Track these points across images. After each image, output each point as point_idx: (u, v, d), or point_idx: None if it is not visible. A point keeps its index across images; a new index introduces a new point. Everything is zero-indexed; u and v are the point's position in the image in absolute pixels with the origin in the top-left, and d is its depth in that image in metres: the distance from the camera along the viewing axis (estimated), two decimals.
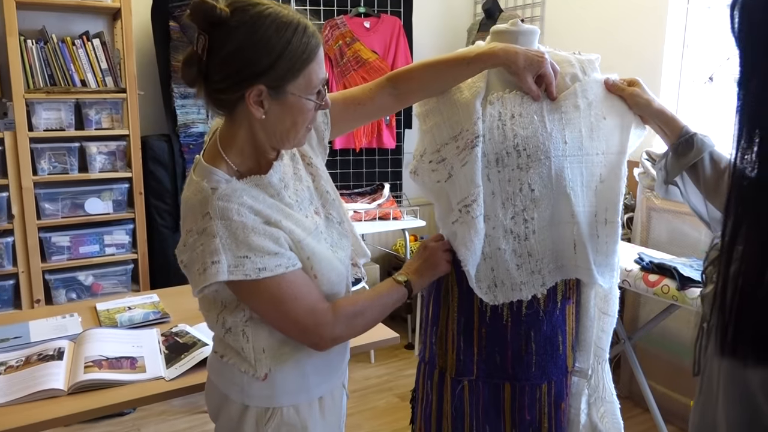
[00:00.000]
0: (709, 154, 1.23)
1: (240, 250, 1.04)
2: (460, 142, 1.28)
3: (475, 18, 3.86)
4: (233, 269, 1.03)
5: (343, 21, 3.42)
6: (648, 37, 2.90)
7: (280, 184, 1.13)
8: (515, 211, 1.28)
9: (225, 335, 1.16)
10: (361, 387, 3.07)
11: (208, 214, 1.04)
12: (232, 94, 1.06)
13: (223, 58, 1.03)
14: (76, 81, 2.73)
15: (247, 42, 1.02)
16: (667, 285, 2.14)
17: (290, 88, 1.06)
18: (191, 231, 1.06)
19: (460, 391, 1.39)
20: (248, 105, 1.05)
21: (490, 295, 1.32)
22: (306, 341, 1.15)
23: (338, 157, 3.53)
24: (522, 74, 1.25)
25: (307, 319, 1.11)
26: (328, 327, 1.14)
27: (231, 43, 1.02)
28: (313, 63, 1.07)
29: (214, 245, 1.03)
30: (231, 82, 1.04)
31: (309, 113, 1.10)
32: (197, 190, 1.07)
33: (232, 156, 1.11)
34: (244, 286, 1.06)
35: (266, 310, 1.11)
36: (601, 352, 1.41)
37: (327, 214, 1.24)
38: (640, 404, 2.72)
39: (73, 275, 2.83)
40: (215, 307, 1.17)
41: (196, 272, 1.05)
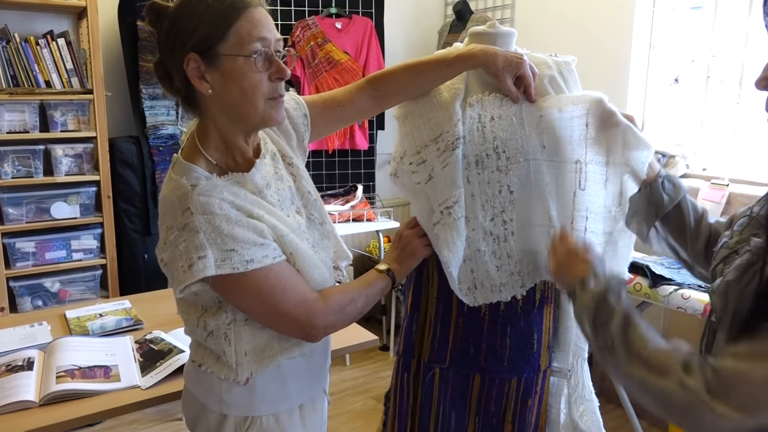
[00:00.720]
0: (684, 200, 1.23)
1: (226, 244, 1.02)
2: (441, 144, 1.28)
3: (446, 19, 3.88)
4: (220, 263, 1.01)
5: (315, 22, 3.40)
6: (616, 39, 2.96)
7: (263, 182, 1.12)
8: (494, 212, 1.29)
9: (207, 339, 1.13)
10: (338, 390, 3.05)
11: (189, 210, 1.02)
12: (176, 76, 1.05)
13: (162, 43, 1.05)
14: (41, 82, 2.65)
15: (175, 17, 1.03)
16: (639, 283, 2.18)
17: (221, 49, 1.01)
18: (171, 228, 1.04)
19: (431, 379, 1.40)
20: (194, 83, 1.03)
21: (470, 296, 1.32)
22: (298, 333, 1.13)
23: (311, 158, 3.51)
24: (501, 76, 1.26)
25: (297, 310, 1.10)
26: (319, 316, 1.12)
27: (165, 24, 1.04)
28: (241, 20, 1.02)
29: (198, 240, 1.01)
30: (171, 63, 1.04)
31: (255, 77, 1.04)
32: (176, 187, 1.05)
33: (211, 151, 1.10)
34: (231, 281, 1.04)
35: (255, 304, 1.08)
36: (580, 351, 1.43)
37: (308, 214, 1.24)
38: (613, 400, 2.77)
39: (39, 282, 2.74)
40: (195, 311, 1.14)
41: (180, 269, 1.02)
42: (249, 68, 1.02)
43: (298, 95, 1.30)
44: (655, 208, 1.26)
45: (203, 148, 1.09)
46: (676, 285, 2.10)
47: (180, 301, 1.16)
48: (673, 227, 1.25)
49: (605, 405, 2.82)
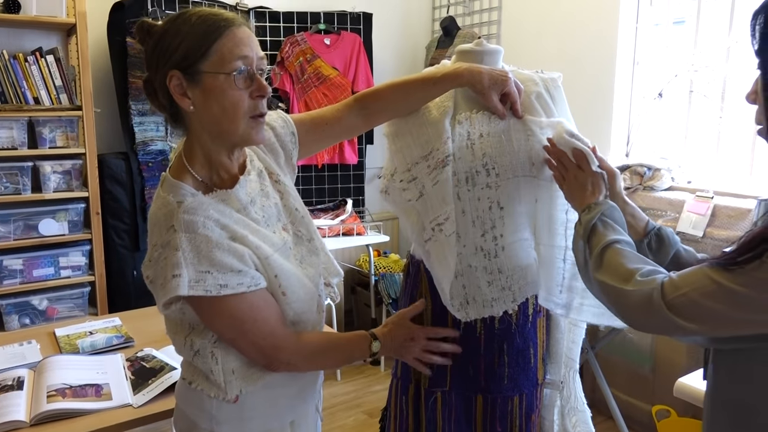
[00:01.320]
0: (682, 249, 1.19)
1: (202, 265, 1.03)
2: (431, 162, 1.30)
3: (433, 35, 3.93)
4: (194, 284, 1.02)
5: (304, 38, 3.43)
6: (600, 55, 3.01)
7: (247, 198, 1.12)
8: (485, 228, 1.30)
9: (194, 358, 1.13)
10: (329, 405, 3.04)
11: (173, 227, 1.03)
12: (161, 92, 1.07)
13: (148, 60, 1.07)
14: (29, 98, 2.65)
15: (160, 35, 1.05)
16: None
17: (203, 67, 1.03)
18: (156, 245, 1.05)
19: (433, 403, 1.40)
20: (176, 100, 1.05)
21: (462, 312, 1.33)
22: (260, 360, 1.14)
23: (300, 173, 3.52)
24: (487, 93, 1.28)
25: (264, 342, 1.10)
26: (286, 352, 1.13)
27: (151, 42, 1.06)
28: (223, 38, 1.03)
29: (176, 258, 1.02)
30: (156, 79, 1.06)
31: (235, 94, 1.04)
32: (163, 204, 1.07)
33: (197, 168, 1.11)
34: (204, 303, 1.05)
35: (224, 328, 1.09)
36: (571, 362, 1.44)
37: (296, 231, 1.23)
38: (603, 412, 2.78)
39: (27, 299, 2.72)
40: (182, 330, 1.14)
41: (160, 286, 1.04)
42: (229, 86, 1.04)
43: (285, 114, 1.31)
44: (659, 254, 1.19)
45: (189, 165, 1.11)
46: None
47: (168, 320, 1.16)
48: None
49: (596, 416, 2.82)
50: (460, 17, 3.73)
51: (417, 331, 1.28)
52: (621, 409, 2.59)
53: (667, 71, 2.84)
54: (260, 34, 3.40)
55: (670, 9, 2.84)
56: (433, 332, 1.30)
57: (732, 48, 2.59)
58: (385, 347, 1.25)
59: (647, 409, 2.66)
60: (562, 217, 1.31)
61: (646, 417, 2.68)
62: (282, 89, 3.41)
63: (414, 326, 1.29)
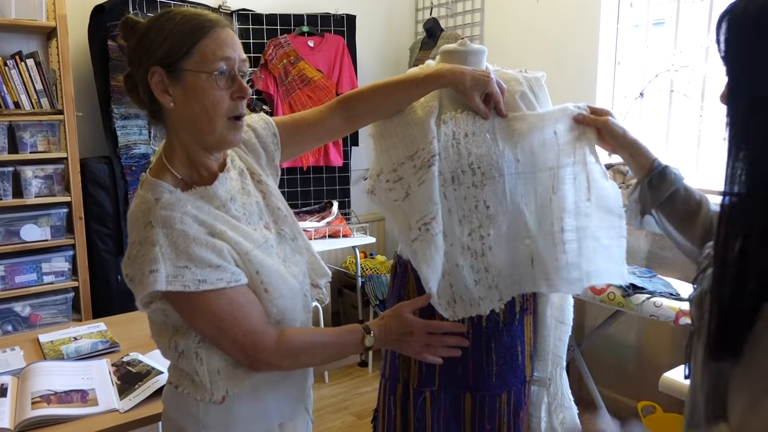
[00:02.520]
0: (683, 187, 1.23)
1: (180, 260, 1.02)
2: (417, 161, 1.30)
3: (417, 37, 3.94)
4: (171, 279, 1.01)
5: (287, 40, 3.42)
6: (582, 55, 3.04)
7: (226, 195, 1.12)
8: (472, 227, 1.31)
9: (178, 360, 1.12)
10: (317, 407, 3.03)
11: (150, 223, 1.03)
12: (142, 88, 1.07)
13: (130, 55, 1.08)
14: (9, 103, 2.61)
15: (144, 31, 1.06)
16: (612, 292, 2.23)
17: (185, 65, 1.04)
18: (134, 243, 1.05)
19: (422, 402, 1.41)
20: (156, 96, 1.06)
21: (449, 311, 1.34)
22: (242, 359, 1.11)
23: (285, 175, 3.51)
24: (470, 94, 1.29)
25: (245, 339, 1.08)
26: (266, 352, 1.10)
27: (134, 38, 1.07)
28: (207, 38, 1.04)
29: (153, 254, 1.01)
30: (137, 74, 1.07)
31: (216, 94, 1.05)
32: (141, 202, 1.07)
33: (176, 165, 1.11)
34: (182, 299, 1.04)
35: (204, 325, 1.08)
36: (558, 360, 1.45)
37: (279, 230, 1.23)
38: (590, 408, 2.81)
39: (9, 306, 2.68)
40: (166, 332, 1.13)
41: (138, 283, 1.03)
42: (210, 85, 1.04)
43: (267, 116, 1.31)
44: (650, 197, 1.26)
45: (169, 163, 1.11)
46: (648, 293, 2.15)
47: (152, 323, 1.15)
48: (669, 216, 1.25)
49: (583, 413, 2.85)
50: (443, 19, 3.75)
51: (416, 325, 1.20)
52: (607, 405, 2.61)
53: (648, 71, 2.87)
54: (243, 36, 3.39)
55: (650, 10, 2.88)
56: (435, 327, 1.21)
57: (711, 48, 2.63)
58: (380, 340, 1.18)
59: (633, 405, 2.69)
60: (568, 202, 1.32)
61: (632, 412, 2.71)
62: (266, 92, 3.40)
63: (413, 319, 1.21)
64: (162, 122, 1.12)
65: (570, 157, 1.33)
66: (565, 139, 1.35)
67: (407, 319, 1.21)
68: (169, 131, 1.12)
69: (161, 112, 1.10)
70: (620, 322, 2.67)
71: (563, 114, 1.34)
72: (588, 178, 1.35)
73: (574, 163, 1.34)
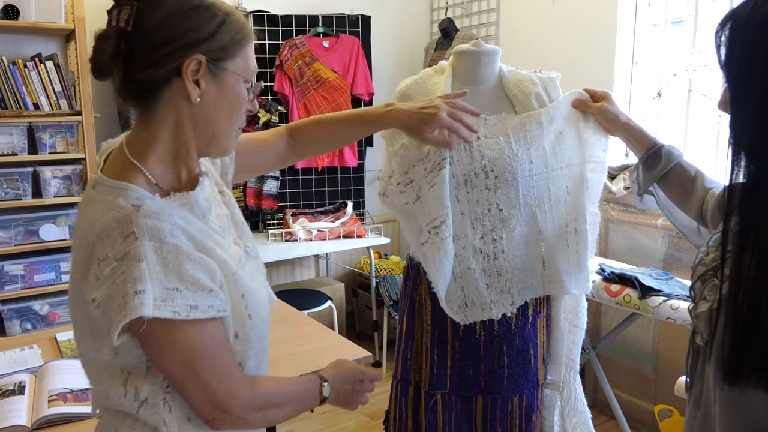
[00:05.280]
0: (678, 164, 1.26)
1: (170, 281, 0.85)
2: (428, 164, 1.30)
3: (432, 37, 3.93)
4: (160, 303, 0.84)
5: (302, 41, 3.43)
6: (599, 55, 3.01)
7: (206, 204, 0.97)
8: (484, 231, 1.31)
9: (139, 410, 0.91)
10: (330, 408, 3.01)
11: (133, 234, 0.85)
12: (162, 68, 0.88)
13: (155, 25, 0.88)
14: (29, 104, 2.65)
15: (185, 5, 0.90)
16: (629, 294, 2.20)
17: (230, 65, 0.93)
18: (107, 259, 0.85)
19: (433, 405, 1.40)
20: (185, 81, 0.89)
21: (460, 314, 1.33)
22: (205, 411, 0.92)
23: (300, 176, 3.53)
24: (419, 132, 1.26)
25: (218, 386, 0.91)
26: (239, 401, 0.93)
27: (164, 7, 0.89)
28: (250, 45, 0.97)
29: (138, 271, 0.83)
30: (165, 53, 0.88)
31: (243, 102, 0.97)
32: (107, 209, 0.87)
33: (151, 165, 0.92)
34: (162, 328, 0.86)
35: (173, 364, 0.89)
36: (572, 363, 1.44)
37: (245, 246, 1.08)
38: (605, 412, 2.78)
39: (28, 305, 2.72)
40: (116, 376, 0.92)
41: (116, 308, 0.83)
42: (242, 92, 0.97)
43: None
44: (645, 176, 1.30)
45: (141, 161, 0.92)
46: (665, 296, 2.12)
47: (92, 365, 0.94)
48: (668, 192, 1.29)
49: (598, 416, 2.83)
50: (459, 19, 3.73)
51: (364, 373, 1.15)
52: (623, 409, 2.58)
53: (666, 71, 2.84)
54: (259, 37, 3.40)
55: (668, 9, 2.84)
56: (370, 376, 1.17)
57: None
58: (335, 390, 1.09)
59: (649, 409, 2.66)
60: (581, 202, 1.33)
61: (649, 417, 2.68)
62: (281, 92, 3.42)
63: (357, 366, 1.16)
64: (145, 105, 0.92)
65: (578, 156, 1.33)
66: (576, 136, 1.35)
67: (355, 366, 1.16)
68: (157, 122, 0.93)
69: (157, 100, 0.92)
70: (636, 325, 2.64)
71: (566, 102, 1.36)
72: (587, 178, 1.35)
73: (583, 162, 1.34)
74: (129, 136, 0.96)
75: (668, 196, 1.28)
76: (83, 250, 0.88)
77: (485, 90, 1.40)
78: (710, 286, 0.87)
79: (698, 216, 1.22)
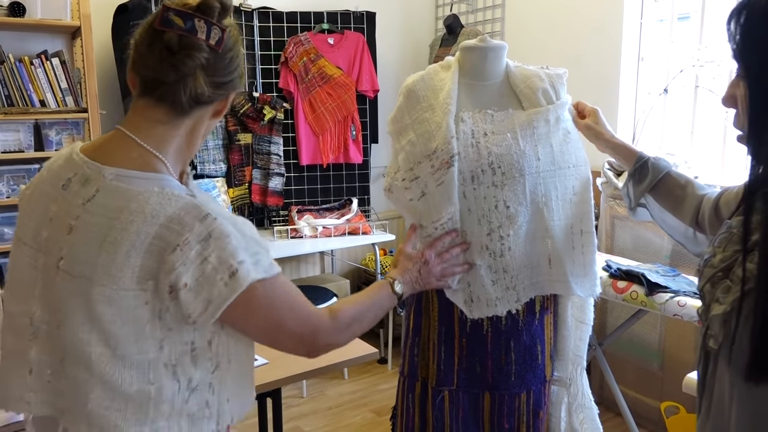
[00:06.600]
0: (667, 174, 1.27)
1: (251, 246, 0.92)
2: (435, 162, 1.30)
3: (437, 33, 3.92)
4: (255, 266, 0.91)
5: (307, 38, 3.43)
6: (605, 50, 3.00)
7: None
8: (491, 227, 1.30)
9: (188, 400, 0.94)
10: (336, 404, 3.04)
11: (210, 216, 0.89)
12: (222, 90, 0.98)
13: (228, 55, 0.97)
14: (35, 101, 2.66)
15: (238, 43, 1.00)
16: (635, 291, 2.20)
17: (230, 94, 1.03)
18: (188, 243, 0.87)
19: (441, 401, 1.40)
20: (227, 102, 1.01)
21: (465, 309, 1.34)
22: (300, 350, 1.04)
23: (305, 173, 3.52)
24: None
25: (303, 328, 1.00)
26: (324, 333, 1.04)
27: (235, 44, 0.99)
28: None
29: (231, 245, 0.89)
30: (228, 80, 0.98)
31: None
32: (166, 198, 0.90)
33: (169, 158, 0.96)
34: (261, 289, 0.92)
35: (268, 320, 0.96)
36: (579, 360, 1.44)
37: None
38: (612, 408, 2.77)
39: None
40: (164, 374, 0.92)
41: (221, 283, 0.88)
42: None
43: None
44: (635, 189, 1.32)
45: (163, 154, 0.96)
46: (672, 292, 2.11)
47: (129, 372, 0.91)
48: (661, 202, 1.30)
49: (605, 413, 2.82)
50: (464, 15, 3.72)
51: (425, 253, 1.30)
52: (630, 405, 2.58)
53: (673, 67, 2.82)
54: (264, 34, 3.40)
55: (674, 4, 2.83)
56: (439, 244, 1.31)
57: None
58: (407, 284, 1.25)
59: (656, 406, 2.65)
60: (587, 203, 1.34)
61: (655, 413, 2.67)
62: (286, 89, 3.41)
63: (419, 251, 1.30)
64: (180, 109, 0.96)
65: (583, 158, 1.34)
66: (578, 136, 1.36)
67: (414, 253, 1.30)
68: (176, 126, 0.97)
69: (196, 109, 0.97)
70: (643, 322, 2.63)
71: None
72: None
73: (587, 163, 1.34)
74: (143, 128, 0.96)
75: (662, 205, 1.29)
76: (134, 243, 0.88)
77: (492, 86, 1.39)
78: (722, 288, 0.85)
79: (694, 222, 1.23)
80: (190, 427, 0.96)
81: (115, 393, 0.91)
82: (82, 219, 0.91)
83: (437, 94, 1.35)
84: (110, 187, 0.91)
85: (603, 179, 2.63)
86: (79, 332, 0.90)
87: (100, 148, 0.98)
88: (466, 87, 1.37)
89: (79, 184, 0.93)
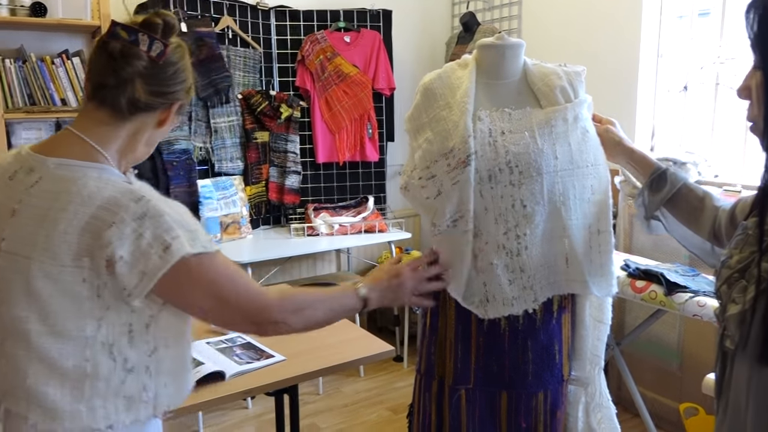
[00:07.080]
0: (684, 186, 1.25)
1: (188, 224, 0.99)
2: (452, 160, 1.29)
3: (453, 31, 3.91)
4: (192, 242, 0.97)
5: (324, 36, 3.44)
6: (624, 47, 2.97)
7: None
8: (508, 227, 1.30)
9: (125, 381, 0.99)
10: (352, 401, 3.05)
11: (144, 198, 0.96)
12: (165, 99, 1.06)
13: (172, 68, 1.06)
14: (56, 100, 2.70)
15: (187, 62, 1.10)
16: (654, 291, 2.18)
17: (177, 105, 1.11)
18: (124, 221, 0.93)
19: (457, 400, 1.40)
20: (170, 114, 1.08)
21: (481, 309, 1.33)
22: (248, 329, 1.11)
23: (322, 171, 3.54)
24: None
25: (249, 304, 1.05)
26: (272, 310, 1.07)
27: (180, 58, 1.08)
28: None
29: (166, 222, 0.95)
30: (171, 90, 1.06)
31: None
32: (104, 183, 0.97)
33: (109, 153, 1.03)
34: (198, 264, 0.97)
35: (208, 296, 1.01)
36: (596, 359, 1.43)
37: None
38: (630, 409, 2.75)
39: None
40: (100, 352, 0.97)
41: (156, 257, 0.94)
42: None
43: None
44: (651, 201, 1.30)
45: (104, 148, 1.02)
46: (691, 292, 2.09)
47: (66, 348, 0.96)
48: (677, 215, 1.28)
49: (623, 414, 2.79)
50: (480, 12, 3.71)
51: (400, 269, 1.28)
52: (648, 406, 2.56)
53: (692, 64, 2.79)
54: (281, 32, 3.42)
55: (694, 0, 2.79)
56: (416, 263, 1.31)
57: None
58: (373, 290, 1.22)
59: (675, 407, 2.62)
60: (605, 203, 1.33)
61: (674, 415, 2.64)
62: (303, 87, 3.43)
63: (396, 265, 1.29)
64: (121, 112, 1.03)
65: (602, 157, 1.33)
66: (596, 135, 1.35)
67: (391, 266, 1.29)
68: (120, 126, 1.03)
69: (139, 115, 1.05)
70: (662, 322, 2.61)
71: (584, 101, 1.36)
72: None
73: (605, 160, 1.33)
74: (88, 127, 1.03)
75: (677, 218, 1.27)
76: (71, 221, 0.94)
77: (509, 84, 1.38)
78: (738, 288, 0.85)
79: (711, 236, 1.20)
80: (127, 409, 1.00)
81: (52, 369, 0.96)
82: (24, 202, 0.98)
83: (454, 93, 1.35)
84: (53, 174, 0.99)
85: (621, 178, 2.61)
86: (19, 309, 0.96)
87: (47, 144, 1.06)
88: (484, 85, 1.36)
89: (24, 173, 1.02)
